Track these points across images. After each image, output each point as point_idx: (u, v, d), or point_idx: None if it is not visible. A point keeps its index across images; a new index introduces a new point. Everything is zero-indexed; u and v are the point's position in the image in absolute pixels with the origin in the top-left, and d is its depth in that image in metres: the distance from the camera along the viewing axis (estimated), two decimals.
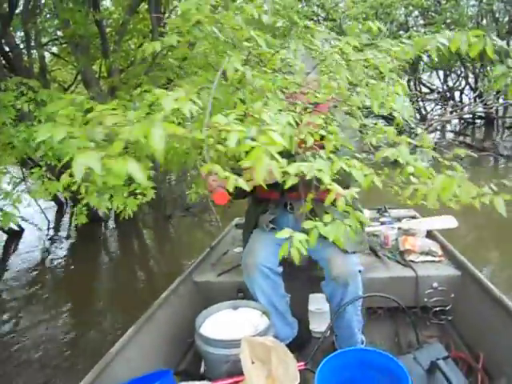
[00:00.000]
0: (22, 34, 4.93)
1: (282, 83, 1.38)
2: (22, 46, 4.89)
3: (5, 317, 3.62)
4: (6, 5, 3.91)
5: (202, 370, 1.83)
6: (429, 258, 2.36)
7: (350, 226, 1.15)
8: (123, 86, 4.60)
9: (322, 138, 1.31)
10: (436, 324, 2.24)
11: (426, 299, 2.20)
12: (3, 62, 4.27)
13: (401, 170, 1.19)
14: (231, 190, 0.97)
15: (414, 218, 3.04)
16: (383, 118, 6.73)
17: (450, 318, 2.23)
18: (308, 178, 1.07)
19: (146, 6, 5.56)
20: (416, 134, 1.71)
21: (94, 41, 5.32)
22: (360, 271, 1.91)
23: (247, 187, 0.98)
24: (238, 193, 1.87)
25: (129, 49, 5.88)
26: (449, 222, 2.84)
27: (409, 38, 1.59)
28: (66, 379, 2.64)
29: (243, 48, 1.32)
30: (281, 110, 1.15)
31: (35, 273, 4.69)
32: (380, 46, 1.52)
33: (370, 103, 1.47)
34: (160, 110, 0.80)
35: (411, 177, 1.17)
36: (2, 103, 1.66)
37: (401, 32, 8.09)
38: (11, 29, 4.37)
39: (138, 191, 1.89)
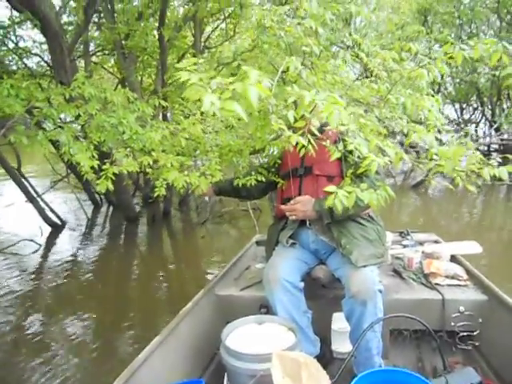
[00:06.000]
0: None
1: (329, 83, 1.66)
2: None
3: (34, 312, 3.52)
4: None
5: (225, 383, 1.69)
6: (454, 281, 2.20)
7: (380, 194, 1.27)
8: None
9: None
10: (461, 349, 2.07)
11: (452, 323, 2.03)
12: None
13: (426, 154, 1.32)
14: None
15: (436, 242, 2.87)
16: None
17: (477, 343, 2.05)
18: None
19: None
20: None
21: (141, 54, 5.29)
22: (381, 291, 1.77)
23: None
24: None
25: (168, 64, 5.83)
26: (473, 247, 2.68)
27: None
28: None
29: (299, 53, 1.54)
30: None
31: (70, 266, 4.67)
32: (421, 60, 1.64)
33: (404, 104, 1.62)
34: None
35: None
36: (87, 95, 1.94)
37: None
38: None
39: (207, 173, 1.90)
